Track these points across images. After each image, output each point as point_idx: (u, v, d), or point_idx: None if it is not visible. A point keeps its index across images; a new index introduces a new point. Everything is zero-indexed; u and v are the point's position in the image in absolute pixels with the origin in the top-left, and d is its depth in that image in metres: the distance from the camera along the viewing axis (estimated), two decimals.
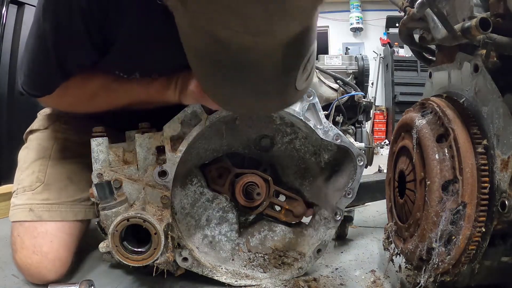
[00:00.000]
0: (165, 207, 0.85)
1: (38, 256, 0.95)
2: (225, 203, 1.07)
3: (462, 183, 0.68)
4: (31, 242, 0.96)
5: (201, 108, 0.87)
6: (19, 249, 0.96)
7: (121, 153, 0.87)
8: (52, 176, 1.04)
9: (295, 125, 1.04)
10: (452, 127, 0.71)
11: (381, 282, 0.96)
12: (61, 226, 1.00)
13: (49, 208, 1.00)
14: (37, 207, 1.00)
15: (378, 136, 5.86)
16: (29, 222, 0.98)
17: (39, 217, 0.99)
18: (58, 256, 0.97)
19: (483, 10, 0.71)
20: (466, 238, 0.68)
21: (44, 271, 0.95)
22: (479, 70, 0.70)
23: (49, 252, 0.96)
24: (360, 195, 1.04)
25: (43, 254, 0.95)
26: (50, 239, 0.97)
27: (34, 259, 0.95)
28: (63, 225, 1.01)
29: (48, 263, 0.95)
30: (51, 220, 0.99)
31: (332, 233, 1.03)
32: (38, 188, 1.02)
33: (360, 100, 1.86)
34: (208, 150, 1.05)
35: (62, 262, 0.98)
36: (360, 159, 1.00)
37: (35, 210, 0.99)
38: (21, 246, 0.96)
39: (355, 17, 6.79)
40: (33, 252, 0.95)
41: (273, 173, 1.14)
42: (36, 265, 0.94)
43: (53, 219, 1.00)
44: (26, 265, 0.95)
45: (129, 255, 0.80)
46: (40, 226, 0.98)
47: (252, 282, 0.96)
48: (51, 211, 1.00)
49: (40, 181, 1.03)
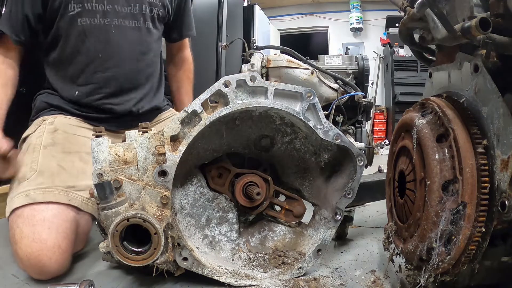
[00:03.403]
0: (165, 207, 0.85)
1: (38, 243, 0.95)
2: (225, 203, 1.08)
3: (462, 183, 0.68)
4: (30, 230, 0.97)
5: (201, 108, 0.87)
6: (19, 240, 0.97)
7: (121, 153, 0.87)
8: (44, 165, 1.08)
9: (295, 125, 1.04)
10: (452, 127, 0.71)
11: (381, 282, 0.96)
12: (57, 213, 1.01)
13: (43, 191, 1.03)
14: (32, 191, 1.02)
15: (378, 136, 5.86)
16: (27, 209, 0.99)
17: (33, 199, 1.00)
18: (57, 243, 0.98)
19: (483, 10, 0.71)
20: (466, 238, 0.68)
21: (45, 259, 0.95)
22: (479, 70, 0.70)
23: (48, 238, 0.97)
24: (360, 195, 1.04)
25: (42, 241, 0.96)
26: (48, 226, 0.98)
27: (34, 247, 0.95)
28: (59, 211, 1.02)
29: (47, 250, 0.96)
30: (45, 201, 1.01)
31: (332, 233, 1.03)
32: (32, 176, 1.05)
33: (360, 100, 1.86)
34: (208, 150, 1.05)
35: (61, 250, 0.98)
36: (360, 159, 1.00)
37: (30, 194, 1.02)
38: (20, 236, 0.97)
39: (355, 17, 6.80)
40: (32, 240, 0.96)
41: (273, 173, 1.14)
42: (36, 253, 0.95)
43: (47, 200, 1.01)
44: (26, 255, 0.95)
45: (129, 255, 0.80)
46: (37, 214, 0.99)
47: (252, 282, 0.96)
48: (45, 194, 1.02)
49: (33, 170, 1.07)
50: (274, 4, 7.08)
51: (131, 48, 1.30)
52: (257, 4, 5.06)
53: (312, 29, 7.41)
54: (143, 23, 1.32)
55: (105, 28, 1.24)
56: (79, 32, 1.22)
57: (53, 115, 1.23)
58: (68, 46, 1.24)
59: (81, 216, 1.09)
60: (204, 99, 0.88)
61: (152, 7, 1.34)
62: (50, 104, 1.26)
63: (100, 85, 1.26)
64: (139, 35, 1.32)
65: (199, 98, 0.88)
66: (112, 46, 1.26)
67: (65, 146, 1.15)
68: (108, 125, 1.26)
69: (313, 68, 1.84)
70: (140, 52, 1.33)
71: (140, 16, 1.31)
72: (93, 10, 1.22)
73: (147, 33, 1.35)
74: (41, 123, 1.20)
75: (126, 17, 1.28)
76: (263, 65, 1.85)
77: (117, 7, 1.25)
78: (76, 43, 1.23)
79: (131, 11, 1.28)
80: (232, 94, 0.89)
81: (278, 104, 0.92)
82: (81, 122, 1.26)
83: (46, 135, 1.15)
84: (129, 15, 1.28)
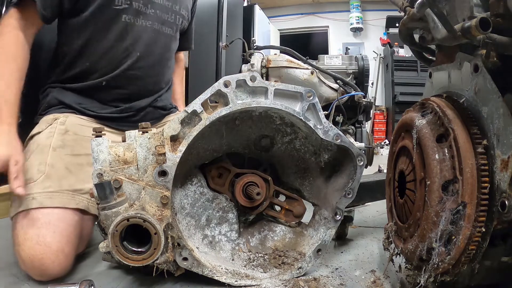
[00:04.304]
0: (165, 207, 0.85)
1: (42, 246, 0.95)
2: (225, 203, 1.08)
3: (462, 183, 0.68)
4: (34, 232, 0.96)
5: (201, 108, 0.87)
6: (22, 241, 0.96)
7: (121, 153, 0.87)
8: (52, 168, 1.07)
9: (295, 125, 1.04)
10: (452, 127, 0.71)
11: (381, 282, 0.96)
12: (62, 217, 1.01)
13: (50, 195, 1.02)
14: (39, 195, 1.01)
15: (378, 136, 5.87)
16: (33, 212, 0.99)
17: (40, 204, 1.00)
18: (61, 247, 0.98)
19: (483, 10, 0.71)
20: (466, 238, 0.68)
21: (48, 262, 0.95)
22: (479, 70, 0.70)
23: (52, 242, 0.96)
24: (360, 195, 1.04)
25: (46, 244, 0.96)
26: (53, 230, 0.98)
27: (37, 249, 0.95)
28: (65, 216, 1.02)
29: (51, 254, 0.95)
30: (53, 206, 1.01)
31: (332, 233, 1.03)
32: (40, 179, 1.04)
33: (360, 100, 1.86)
34: (208, 150, 1.05)
35: (65, 254, 0.98)
36: (360, 159, 1.00)
37: (38, 198, 1.01)
38: (24, 237, 0.96)
39: (355, 17, 6.80)
40: (36, 242, 0.95)
41: (273, 173, 1.14)
42: (39, 256, 0.95)
43: (55, 205, 1.01)
44: (29, 257, 0.95)
45: (129, 255, 0.80)
46: (43, 217, 0.99)
47: (252, 282, 0.96)
48: (53, 198, 1.02)
49: (41, 172, 1.05)
50: (274, 4, 7.08)
51: (161, 52, 1.37)
52: (257, 4, 5.06)
53: (312, 29, 7.42)
54: (174, 32, 1.42)
55: (145, 29, 1.29)
56: (121, 28, 1.24)
57: (64, 113, 1.21)
58: (105, 38, 1.23)
59: (86, 219, 1.09)
60: (204, 99, 0.88)
61: (182, 19, 1.45)
62: (62, 102, 1.23)
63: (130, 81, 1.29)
64: (169, 42, 1.41)
65: (199, 98, 0.88)
66: (148, 48, 1.30)
67: (74, 148, 1.14)
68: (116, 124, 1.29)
69: (313, 68, 1.84)
70: (167, 57, 1.41)
71: (174, 25, 1.41)
72: (139, 10, 1.26)
73: (174, 41, 1.45)
74: (52, 122, 1.17)
75: (164, 23, 1.35)
76: (263, 65, 1.85)
77: (159, 12, 1.32)
78: (115, 38, 1.24)
79: (168, 19, 1.37)
80: (232, 94, 0.89)
81: (278, 104, 0.92)
82: (92, 123, 1.24)
83: (56, 136, 1.13)
84: (167, 22, 1.36)
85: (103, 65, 1.25)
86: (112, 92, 1.28)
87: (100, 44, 1.23)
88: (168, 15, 1.36)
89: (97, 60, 1.24)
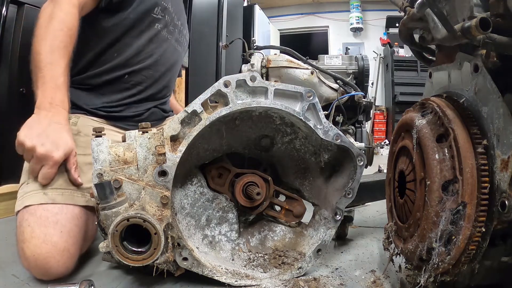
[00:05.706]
0: (165, 207, 0.85)
1: (48, 245, 0.95)
2: (225, 203, 1.08)
3: (462, 183, 0.68)
4: (41, 231, 0.96)
5: (201, 108, 0.87)
6: (28, 239, 0.96)
7: (121, 153, 0.87)
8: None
9: (295, 125, 1.04)
10: (452, 127, 0.71)
11: (381, 282, 0.96)
12: (70, 217, 1.01)
13: (62, 192, 1.03)
14: (50, 191, 1.02)
15: (378, 136, 5.87)
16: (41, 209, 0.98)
17: (52, 200, 1.00)
18: (67, 247, 0.98)
19: (483, 10, 0.70)
20: (466, 238, 0.68)
21: (52, 262, 0.95)
22: (479, 70, 0.70)
23: (58, 241, 0.96)
24: (360, 195, 1.04)
25: (53, 243, 0.96)
26: (61, 229, 0.98)
27: (43, 248, 0.95)
28: (72, 216, 1.02)
29: (57, 254, 0.95)
30: (64, 203, 1.01)
31: (332, 233, 1.03)
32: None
33: (360, 100, 1.86)
34: (208, 150, 1.05)
35: (70, 254, 0.98)
36: (360, 159, 1.00)
37: (49, 194, 1.01)
38: (30, 235, 0.96)
39: (355, 17, 6.81)
40: (43, 241, 0.95)
41: (273, 173, 1.14)
42: (45, 255, 0.94)
43: (66, 202, 1.02)
44: (34, 255, 0.95)
45: (129, 255, 0.80)
46: (51, 216, 0.99)
47: (252, 282, 0.96)
48: (64, 195, 1.02)
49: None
50: (274, 4, 7.09)
51: (173, 64, 1.52)
52: (257, 4, 5.07)
53: (312, 29, 7.42)
54: (182, 51, 1.63)
55: (166, 40, 1.46)
56: (152, 34, 1.39)
57: (76, 114, 1.23)
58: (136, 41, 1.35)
59: (92, 220, 1.09)
60: (204, 99, 0.88)
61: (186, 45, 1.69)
62: (73, 103, 1.23)
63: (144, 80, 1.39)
64: (180, 57, 1.61)
65: (199, 98, 0.88)
66: (165, 55, 1.46)
67: (86, 150, 1.13)
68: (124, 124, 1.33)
69: (313, 68, 1.84)
70: (175, 70, 1.59)
71: (183, 47, 1.63)
72: (167, 24, 1.44)
73: (181, 59, 1.66)
74: None
75: (181, 41, 1.58)
76: (263, 65, 1.85)
77: (177, 32, 1.52)
78: (145, 42, 1.37)
79: (184, 38, 1.61)
80: (232, 94, 0.89)
81: (278, 104, 0.92)
82: (102, 124, 1.24)
83: None
84: (179, 42, 1.57)
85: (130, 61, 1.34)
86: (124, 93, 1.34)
87: (134, 41, 1.34)
88: (180, 37, 1.57)
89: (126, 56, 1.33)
